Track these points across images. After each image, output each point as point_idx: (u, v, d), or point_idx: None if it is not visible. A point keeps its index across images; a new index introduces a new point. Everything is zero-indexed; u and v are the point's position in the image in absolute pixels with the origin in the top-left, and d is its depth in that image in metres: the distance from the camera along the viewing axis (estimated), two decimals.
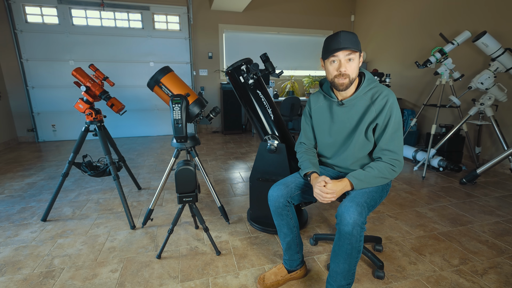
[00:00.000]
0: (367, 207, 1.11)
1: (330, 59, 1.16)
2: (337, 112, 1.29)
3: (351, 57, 1.14)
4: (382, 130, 1.21)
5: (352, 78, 1.17)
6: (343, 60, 1.14)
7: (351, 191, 1.20)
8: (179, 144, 1.70)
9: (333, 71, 1.17)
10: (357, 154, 1.28)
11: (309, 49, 5.69)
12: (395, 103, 1.20)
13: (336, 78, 1.17)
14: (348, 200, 1.11)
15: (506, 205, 2.25)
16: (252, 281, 1.40)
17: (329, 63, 1.17)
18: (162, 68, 1.72)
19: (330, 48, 1.14)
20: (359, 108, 1.23)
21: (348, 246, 1.08)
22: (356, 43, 1.13)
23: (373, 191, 1.20)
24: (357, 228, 1.05)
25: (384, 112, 1.19)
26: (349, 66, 1.14)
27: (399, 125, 1.20)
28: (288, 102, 3.99)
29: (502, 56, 2.70)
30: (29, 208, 2.19)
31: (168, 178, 2.84)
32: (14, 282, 1.39)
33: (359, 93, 1.22)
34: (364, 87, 1.22)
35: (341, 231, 1.08)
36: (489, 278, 1.42)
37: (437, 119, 3.33)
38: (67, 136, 4.75)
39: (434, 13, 3.87)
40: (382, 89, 1.21)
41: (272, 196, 1.31)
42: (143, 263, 1.54)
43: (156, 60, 4.89)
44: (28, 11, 4.25)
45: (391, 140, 1.20)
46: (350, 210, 1.07)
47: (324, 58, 1.19)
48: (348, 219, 1.05)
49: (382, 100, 1.19)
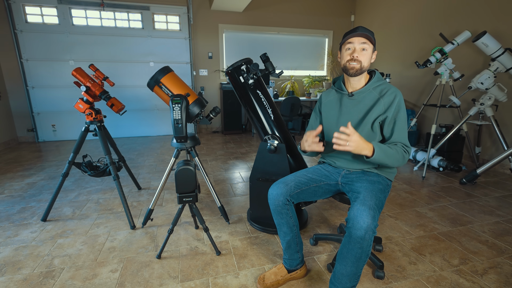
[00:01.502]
0: (378, 210, 1.11)
1: (346, 46, 1.26)
2: (346, 104, 1.35)
3: (365, 47, 1.23)
4: (392, 123, 1.27)
5: (363, 65, 1.25)
6: (357, 47, 1.23)
7: (360, 194, 1.18)
8: (179, 144, 1.70)
9: (347, 56, 1.26)
10: None
11: (309, 49, 5.69)
12: (402, 101, 1.28)
13: (348, 62, 1.26)
14: (360, 203, 1.11)
15: (506, 205, 2.25)
16: (252, 281, 1.40)
17: (345, 49, 1.27)
18: (162, 68, 1.72)
19: (348, 34, 1.25)
20: (368, 102, 1.30)
21: (358, 250, 1.07)
22: (372, 36, 1.24)
23: (379, 192, 1.20)
24: (369, 233, 1.04)
25: (393, 106, 1.26)
26: (362, 54, 1.24)
27: (406, 122, 1.28)
28: (288, 102, 3.99)
29: (502, 56, 2.70)
30: (29, 208, 2.19)
31: (168, 178, 2.85)
32: (14, 282, 1.39)
33: (368, 86, 1.30)
34: (373, 81, 1.31)
35: (352, 235, 1.07)
36: (489, 278, 1.42)
37: (437, 119, 3.33)
38: (67, 136, 4.75)
39: (434, 13, 3.87)
40: (390, 87, 1.30)
41: (272, 195, 1.32)
42: (143, 263, 1.54)
43: (156, 60, 4.89)
44: (28, 11, 4.25)
45: (403, 134, 1.27)
46: (364, 214, 1.06)
47: (341, 43, 1.29)
48: (362, 223, 1.05)
49: (390, 95, 1.27)
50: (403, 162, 1.25)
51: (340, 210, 2.17)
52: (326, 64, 5.83)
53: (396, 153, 1.21)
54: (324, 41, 5.73)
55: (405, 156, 1.24)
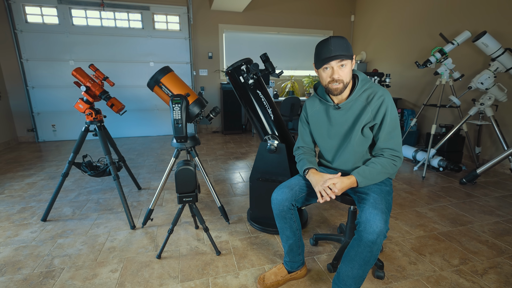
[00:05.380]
0: (388, 213, 1.11)
1: (323, 66, 1.17)
2: (334, 115, 1.30)
3: (343, 63, 1.15)
4: (379, 129, 1.22)
5: (346, 82, 1.18)
6: (335, 67, 1.15)
7: (369, 196, 1.17)
8: (179, 144, 1.70)
9: (327, 77, 1.18)
10: (357, 151, 1.28)
11: (309, 49, 5.69)
12: (391, 102, 1.21)
13: (330, 84, 1.19)
14: (372, 207, 1.09)
15: (506, 205, 2.25)
16: (252, 281, 1.40)
17: (322, 70, 1.19)
18: (162, 68, 1.72)
19: (322, 56, 1.15)
20: (355, 109, 1.24)
21: (367, 254, 1.07)
22: (348, 49, 1.14)
23: (387, 194, 1.19)
24: (381, 237, 1.04)
25: (380, 111, 1.20)
26: (342, 71, 1.16)
27: (396, 123, 1.22)
28: (288, 102, 3.99)
29: (502, 56, 2.70)
30: (29, 208, 2.19)
31: (168, 178, 2.84)
32: (14, 282, 1.39)
33: (354, 95, 1.23)
34: (358, 89, 1.23)
35: (363, 238, 1.06)
36: (489, 278, 1.42)
37: (437, 119, 3.32)
38: (67, 136, 4.75)
39: (434, 13, 3.87)
40: (377, 89, 1.22)
41: (277, 200, 1.29)
42: (143, 263, 1.54)
43: (156, 60, 4.89)
44: (28, 11, 4.25)
45: (390, 138, 1.22)
46: (377, 218, 1.05)
47: (317, 67, 1.20)
48: (375, 227, 1.04)
49: (378, 100, 1.20)
50: (394, 171, 1.23)
51: (340, 210, 2.17)
52: None
53: (382, 168, 1.19)
54: None
55: (396, 164, 1.21)
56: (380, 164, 1.20)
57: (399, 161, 1.22)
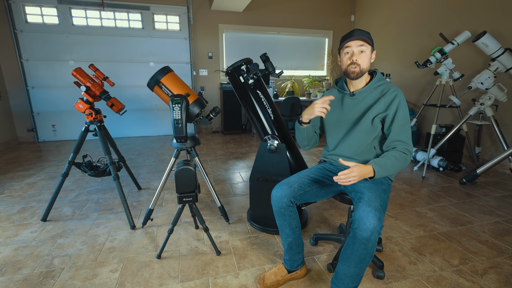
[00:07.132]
0: (383, 211, 1.11)
1: (345, 50, 1.28)
2: (348, 103, 1.37)
3: (363, 49, 1.25)
4: (392, 121, 1.27)
5: (362, 68, 1.27)
6: (355, 50, 1.25)
7: (364, 194, 1.18)
8: (179, 144, 1.70)
9: (347, 60, 1.28)
10: (362, 138, 1.32)
11: (309, 49, 5.68)
12: (403, 99, 1.28)
13: (349, 67, 1.28)
14: (365, 204, 1.10)
15: (506, 205, 2.25)
16: (252, 281, 1.40)
17: (343, 54, 1.29)
18: (162, 68, 1.72)
19: (345, 38, 1.27)
20: (369, 101, 1.32)
21: (362, 251, 1.08)
22: (369, 37, 1.25)
23: (382, 192, 1.20)
24: (375, 234, 1.05)
25: (394, 104, 1.27)
26: (361, 57, 1.25)
27: (407, 119, 1.28)
28: (288, 102, 3.99)
29: (502, 56, 2.70)
30: (29, 208, 2.19)
31: (168, 178, 2.84)
32: (14, 282, 1.39)
33: (369, 86, 1.32)
34: (374, 81, 1.32)
35: (357, 236, 1.07)
36: (489, 278, 1.42)
37: (437, 119, 3.33)
38: (67, 136, 4.75)
39: (434, 13, 3.87)
40: (391, 86, 1.31)
41: (276, 196, 1.31)
42: (143, 263, 1.54)
43: (156, 60, 4.89)
44: (28, 11, 4.25)
45: (402, 131, 1.27)
46: (370, 215, 1.06)
47: (339, 48, 1.31)
48: (368, 224, 1.05)
49: (391, 94, 1.28)
50: (405, 164, 1.25)
51: (340, 210, 2.17)
52: (326, 64, 5.83)
53: (395, 161, 1.21)
54: (324, 41, 5.73)
55: (407, 158, 1.24)
56: (393, 156, 1.22)
57: (409, 156, 1.26)
